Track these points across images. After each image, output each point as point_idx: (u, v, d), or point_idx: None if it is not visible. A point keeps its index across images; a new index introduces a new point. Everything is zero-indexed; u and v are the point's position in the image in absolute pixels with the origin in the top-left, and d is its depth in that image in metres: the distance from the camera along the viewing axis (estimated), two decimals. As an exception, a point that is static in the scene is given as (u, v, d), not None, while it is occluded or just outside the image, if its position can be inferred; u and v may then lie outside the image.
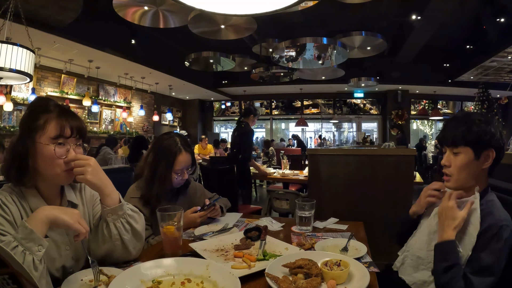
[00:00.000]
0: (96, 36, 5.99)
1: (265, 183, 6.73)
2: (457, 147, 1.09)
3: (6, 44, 3.03)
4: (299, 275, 0.86)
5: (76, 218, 0.85)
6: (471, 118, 1.10)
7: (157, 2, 4.20)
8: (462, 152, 1.08)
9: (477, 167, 1.08)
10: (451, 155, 1.12)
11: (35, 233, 0.77)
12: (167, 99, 11.78)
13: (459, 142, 1.08)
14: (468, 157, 1.07)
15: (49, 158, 0.91)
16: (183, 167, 1.45)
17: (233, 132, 4.05)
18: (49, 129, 0.91)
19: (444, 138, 1.14)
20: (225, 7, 1.14)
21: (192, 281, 0.85)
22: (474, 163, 1.07)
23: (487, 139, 1.06)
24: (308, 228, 1.34)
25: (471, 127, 1.07)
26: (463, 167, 1.08)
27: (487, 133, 1.07)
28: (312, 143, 13.02)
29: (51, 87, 7.39)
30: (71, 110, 1.00)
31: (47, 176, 0.94)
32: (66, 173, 0.94)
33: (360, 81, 8.67)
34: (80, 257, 1.02)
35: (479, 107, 9.54)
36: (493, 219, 0.99)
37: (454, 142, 1.10)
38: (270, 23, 6.85)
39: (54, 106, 0.95)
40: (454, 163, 1.10)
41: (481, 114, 1.14)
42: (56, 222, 0.83)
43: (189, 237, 1.27)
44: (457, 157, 1.10)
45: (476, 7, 6.45)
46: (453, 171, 1.10)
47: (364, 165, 2.64)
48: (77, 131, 0.96)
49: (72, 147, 0.94)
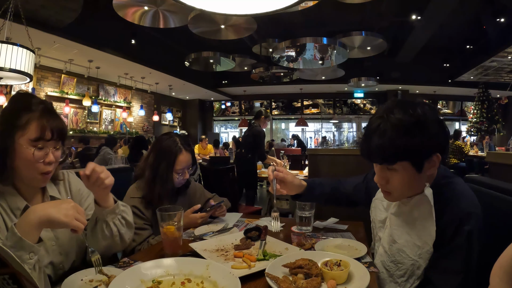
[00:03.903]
0: (96, 36, 5.99)
1: (265, 183, 6.73)
2: (391, 164, 0.87)
3: (6, 44, 3.03)
4: (299, 275, 0.86)
5: (71, 215, 0.79)
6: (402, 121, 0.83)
7: (157, 2, 4.21)
8: (399, 168, 0.86)
9: (422, 177, 0.89)
10: (385, 171, 0.90)
11: (25, 240, 0.72)
12: (167, 99, 11.79)
13: (393, 158, 0.85)
14: (409, 172, 0.86)
15: (27, 161, 0.89)
16: (184, 166, 1.45)
17: (244, 133, 4.27)
18: (30, 131, 0.89)
19: (369, 154, 0.89)
20: (225, 7, 1.14)
21: (192, 281, 0.85)
22: (417, 176, 0.87)
23: (430, 145, 0.85)
24: (308, 228, 1.34)
25: (407, 135, 0.82)
26: (405, 183, 0.89)
27: (431, 136, 0.84)
28: (312, 143, 13.02)
29: (51, 87, 7.39)
30: (54, 109, 0.97)
31: (23, 177, 0.93)
32: (42, 176, 0.92)
33: (360, 81, 8.68)
34: (69, 251, 1.00)
35: (479, 107, 9.54)
36: (451, 210, 0.86)
37: (385, 160, 0.87)
38: (270, 23, 6.86)
39: (36, 105, 0.92)
40: (393, 181, 0.89)
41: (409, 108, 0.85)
42: (51, 223, 0.78)
43: (189, 237, 1.27)
44: (395, 173, 0.88)
45: (476, 7, 6.46)
46: (393, 189, 0.91)
47: (364, 165, 2.63)
48: (58, 134, 0.93)
49: (51, 151, 0.92)
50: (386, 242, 1.02)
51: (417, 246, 0.92)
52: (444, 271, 0.87)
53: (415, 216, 0.95)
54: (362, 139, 0.91)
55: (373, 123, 0.88)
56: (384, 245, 1.04)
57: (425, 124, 0.84)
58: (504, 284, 0.50)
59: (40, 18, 4.73)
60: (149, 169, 1.43)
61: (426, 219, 0.90)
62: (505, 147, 7.56)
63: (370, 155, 0.89)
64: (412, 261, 0.93)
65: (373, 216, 1.15)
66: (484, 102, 9.48)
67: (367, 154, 0.90)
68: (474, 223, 0.84)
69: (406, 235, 0.96)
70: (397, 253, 0.98)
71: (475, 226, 0.84)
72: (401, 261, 0.96)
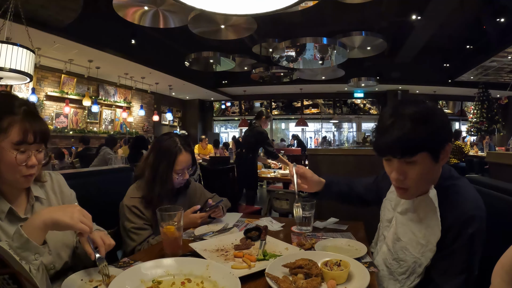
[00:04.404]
0: (96, 36, 5.99)
1: (265, 183, 6.73)
2: (412, 156, 0.87)
3: (6, 44, 3.03)
4: (299, 275, 0.86)
5: (77, 217, 0.82)
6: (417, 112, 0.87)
7: (157, 2, 4.21)
8: (419, 160, 0.87)
9: (437, 169, 0.92)
10: (403, 166, 0.90)
11: (31, 241, 0.74)
12: (167, 99, 11.79)
13: (414, 150, 0.86)
14: (427, 163, 0.88)
15: (9, 164, 0.88)
16: (184, 167, 1.45)
17: (245, 133, 4.22)
18: (12, 134, 0.87)
19: (390, 148, 0.88)
20: (225, 7, 1.14)
21: (192, 281, 0.85)
22: (434, 167, 0.90)
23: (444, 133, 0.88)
24: (308, 228, 1.34)
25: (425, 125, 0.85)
26: (423, 176, 0.89)
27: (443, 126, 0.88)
28: (312, 143, 13.03)
29: (51, 87, 7.39)
30: (37, 111, 0.96)
31: (6, 180, 0.92)
32: (24, 178, 0.91)
33: (360, 81, 8.68)
34: (59, 251, 1.00)
35: (479, 107, 9.54)
36: (455, 213, 0.86)
37: (406, 152, 0.87)
38: (270, 23, 6.86)
39: (19, 107, 0.90)
40: (411, 175, 0.89)
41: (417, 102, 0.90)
42: (57, 226, 0.80)
43: (189, 237, 1.27)
44: (414, 166, 0.88)
45: (476, 7, 6.46)
46: (410, 183, 0.91)
47: (364, 165, 2.64)
48: (40, 137, 0.92)
49: (33, 153, 0.91)
50: (391, 240, 1.03)
51: (421, 244, 0.93)
52: (445, 272, 0.88)
53: (421, 215, 0.96)
54: (377, 136, 0.92)
55: (388, 119, 0.89)
56: (388, 243, 1.05)
57: (436, 113, 0.88)
58: (506, 284, 0.50)
59: (40, 18, 4.73)
60: (149, 169, 1.43)
61: (431, 218, 0.91)
62: (505, 147, 7.57)
63: (390, 149, 0.89)
64: (415, 258, 0.94)
65: (381, 216, 1.17)
66: (484, 102, 9.48)
67: (387, 149, 0.90)
68: (477, 226, 0.84)
69: (410, 234, 0.97)
70: (400, 251, 0.99)
71: (478, 229, 0.84)
72: (404, 259, 0.97)
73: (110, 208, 1.43)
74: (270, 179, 4.11)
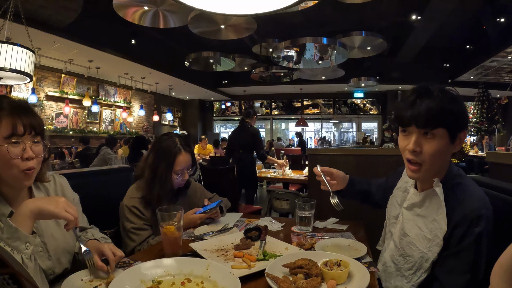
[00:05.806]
0: (96, 36, 5.99)
1: (265, 183, 6.73)
2: (433, 128, 0.88)
3: (6, 44, 3.03)
4: (299, 275, 0.86)
5: (62, 206, 0.81)
6: (448, 92, 0.91)
7: (157, 2, 4.21)
8: (438, 135, 0.88)
9: (449, 154, 0.92)
10: (421, 138, 0.91)
11: (20, 231, 0.75)
12: (167, 99, 11.79)
13: (437, 122, 0.87)
14: (444, 141, 0.89)
15: (3, 159, 0.86)
16: (183, 167, 1.45)
17: (237, 133, 4.10)
18: (1, 128, 0.86)
19: (415, 116, 0.89)
20: (225, 7, 1.14)
21: (192, 281, 0.85)
22: (448, 148, 0.91)
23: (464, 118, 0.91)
24: (308, 228, 1.34)
25: (451, 103, 0.88)
26: (438, 153, 0.90)
27: (465, 111, 0.91)
28: (312, 143, 13.02)
29: (51, 87, 7.39)
30: (28, 105, 0.94)
31: (5, 178, 0.90)
32: (24, 173, 0.89)
33: (360, 81, 8.68)
34: (59, 256, 0.99)
35: (479, 107, 9.54)
36: (462, 211, 0.86)
37: (430, 123, 0.88)
38: (270, 23, 6.86)
39: (7, 103, 0.89)
40: (427, 149, 0.90)
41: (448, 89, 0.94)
42: (42, 214, 0.80)
43: (189, 237, 1.27)
44: (431, 141, 0.89)
45: (476, 7, 6.46)
46: (425, 158, 0.91)
47: (364, 165, 2.64)
48: (32, 128, 0.90)
49: (28, 145, 0.89)
50: (397, 236, 1.03)
51: (427, 239, 0.92)
52: (451, 271, 0.87)
53: (427, 210, 0.96)
54: (402, 108, 0.93)
55: (415, 93, 0.92)
56: (395, 239, 1.05)
57: (460, 99, 0.92)
58: (505, 284, 0.50)
59: (40, 18, 4.73)
60: (148, 169, 1.43)
61: (437, 213, 0.91)
62: (505, 147, 7.56)
63: (415, 118, 0.89)
64: (421, 253, 0.93)
65: (388, 213, 1.17)
66: (484, 102, 9.47)
67: (412, 118, 0.90)
68: (485, 225, 0.84)
69: (417, 228, 0.97)
70: (407, 246, 0.99)
71: (485, 227, 0.84)
72: (410, 254, 0.97)
73: (110, 208, 1.43)
74: (270, 179, 4.11)
